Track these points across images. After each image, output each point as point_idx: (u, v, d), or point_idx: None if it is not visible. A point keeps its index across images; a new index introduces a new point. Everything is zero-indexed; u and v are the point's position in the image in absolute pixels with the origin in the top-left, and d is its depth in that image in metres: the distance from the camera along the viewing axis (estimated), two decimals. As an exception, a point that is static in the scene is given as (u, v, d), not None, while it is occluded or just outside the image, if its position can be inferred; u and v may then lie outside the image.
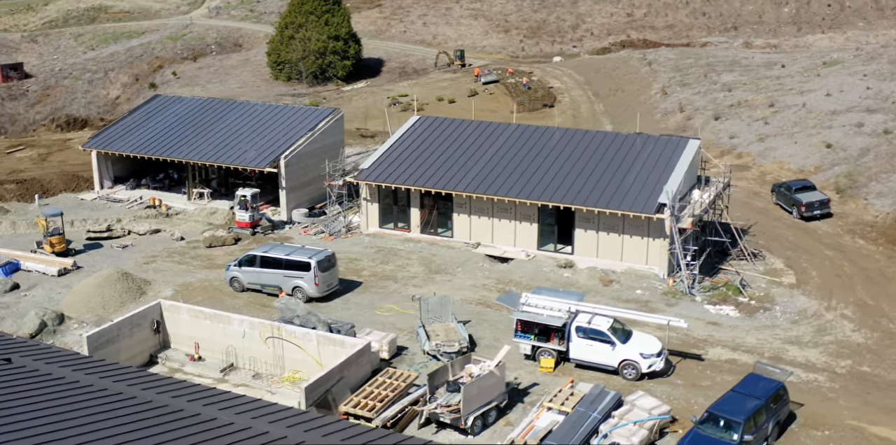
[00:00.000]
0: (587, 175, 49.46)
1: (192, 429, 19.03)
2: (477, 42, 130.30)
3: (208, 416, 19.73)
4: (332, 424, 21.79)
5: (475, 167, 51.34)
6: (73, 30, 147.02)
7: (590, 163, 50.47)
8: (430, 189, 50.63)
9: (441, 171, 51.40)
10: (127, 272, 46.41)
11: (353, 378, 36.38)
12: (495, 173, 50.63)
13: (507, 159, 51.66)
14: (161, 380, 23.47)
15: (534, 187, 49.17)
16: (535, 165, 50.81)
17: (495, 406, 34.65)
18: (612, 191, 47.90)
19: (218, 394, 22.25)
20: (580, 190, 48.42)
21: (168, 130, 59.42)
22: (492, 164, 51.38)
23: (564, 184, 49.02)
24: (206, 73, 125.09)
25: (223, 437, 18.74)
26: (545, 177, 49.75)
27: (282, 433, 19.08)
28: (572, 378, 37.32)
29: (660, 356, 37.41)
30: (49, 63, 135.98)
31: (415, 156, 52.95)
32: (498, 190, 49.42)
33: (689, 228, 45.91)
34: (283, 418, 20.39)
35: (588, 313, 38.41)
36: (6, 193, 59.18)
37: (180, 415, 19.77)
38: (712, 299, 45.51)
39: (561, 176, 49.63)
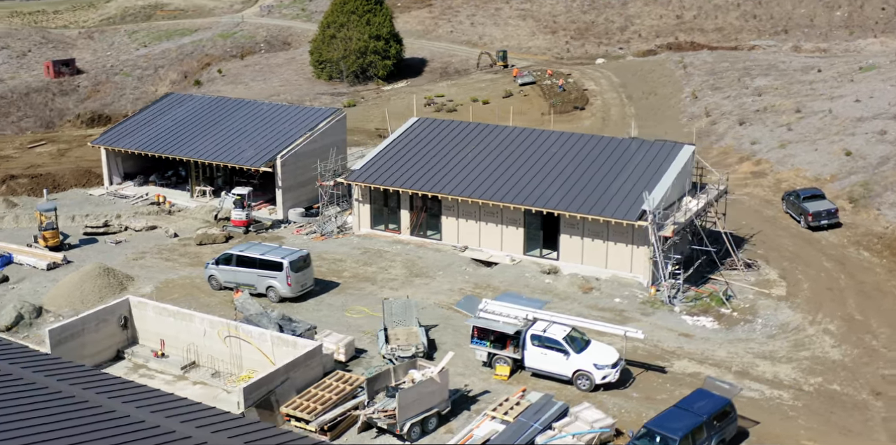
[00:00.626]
0: (574, 180, 48.69)
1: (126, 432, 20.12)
2: (523, 43, 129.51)
3: (137, 418, 20.87)
4: (259, 431, 22.29)
5: (464, 170, 50.92)
6: (129, 27, 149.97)
7: (579, 167, 49.68)
8: (418, 191, 50.35)
9: (430, 174, 51.09)
10: (109, 268, 47.05)
11: (301, 379, 36.29)
12: (483, 177, 50.15)
13: (497, 163, 51.13)
14: (107, 382, 24.29)
15: (519, 191, 48.57)
16: (523, 169, 50.20)
17: (436, 413, 34.26)
18: (596, 197, 47.08)
19: (159, 398, 23.15)
20: (565, 195, 47.69)
21: (174, 128, 60.15)
22: (481, 168, 50.90)
23: (550, 188, 48.33)
24: (251, 71, 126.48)
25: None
26: (532, 181, 49.11)
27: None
28: (524, 387, 36.73)
29: (615, 367, 36.60)
30: (102, 59, 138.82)
31: (407, 158, 52.73)
32: (483, 193, 48.94)
33: (670, 236, 44.88)
34: (213, 423, 21.25)
35: (545, 321, 37.78)
36: (18, 187, 60.51)
37: (124, 421, 20.80)
38: (692, 310, 44.43)
39: (548, 180, 48.94)
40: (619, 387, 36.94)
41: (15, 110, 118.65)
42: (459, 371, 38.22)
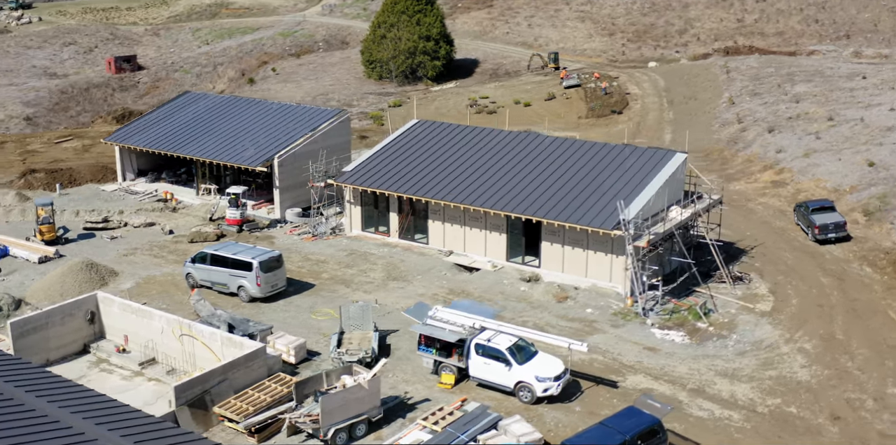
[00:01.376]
0: (558, 187, 47.84)
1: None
2: (578, 45, 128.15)
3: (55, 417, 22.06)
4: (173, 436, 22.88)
5: (452, 174, 50.47)
6: (194, 24, 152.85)
7: (566, 174, 48.80)
8: (403, 194, 50.10)
9: (419, 177, 50.77)
10: (93, 263, 47.89)
11: (243, 380, 36.37)
12: (470, 181, 49.63)
13: (485, 167, 50.55)
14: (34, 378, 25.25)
15: (502, 197, 47.94)
16: (510, 175, 49.53)
17: (365, 420, 33.99)
18: (577, 205, 46.18)
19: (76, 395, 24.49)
20: (546, 202, 46.89)
21: (184, 127, 61.01)
22: (469, 172, 50.38)
23: (533, 195, 47.57)
24: (305, 69, 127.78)
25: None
26: (516, 187, 48.43)
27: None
28: (465, 397, 36.20)
29: (558, 380, 35.79)
30: (165, 56, 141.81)
31: (398, 161, 52.51)
32: (466, 198, 48.42)
33: (644, 247, 43.75)
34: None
35: (492, 330, 37.18)
36: (35, 181, 62.12)
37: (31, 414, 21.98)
38: (666, 323, 43.22)
39: (532, 187, 48.19)
40: (563, 400, 36.15)
41: (74, 105, 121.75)
42: (406, 377, 37.90)
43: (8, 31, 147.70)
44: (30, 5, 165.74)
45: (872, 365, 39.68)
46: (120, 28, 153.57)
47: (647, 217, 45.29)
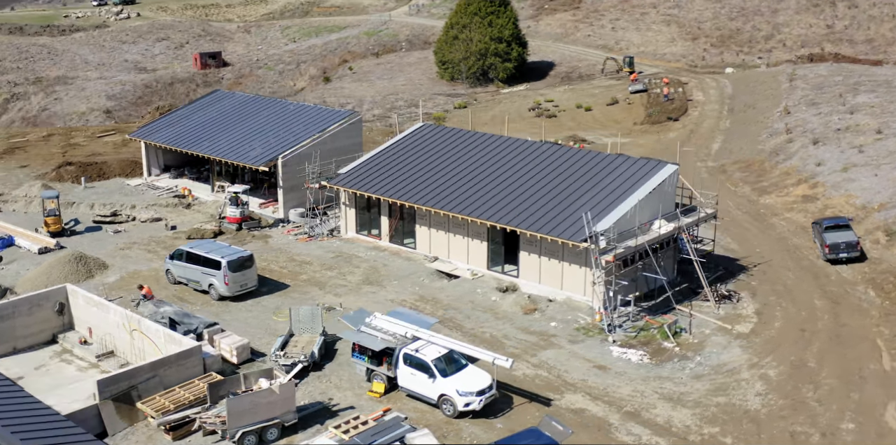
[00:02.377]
0: (540, 196, 46.80)
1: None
2: (659, 49, 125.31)
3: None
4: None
5: (440, 180, 49.96)
6: (284, 22, 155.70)
7: (551, 183, 47.71)
8: (389, 199, 49.89)
9: (408, 182, 50.44)
10: (83, 255, 49.23)
11: (175, 378, 36.76)
12: (456, 188, 49.02)
13: (474, 174, 49.85)
14: None
15: (483, 205, 47.20)
16: (496, 183, 48.72)
17: (278, 424, 33.95)
18: (553, 215, 45.06)
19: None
20: (524, 211, 45.93)
21: (204, 124, 62.14)
22: (458, 179, 49.77)
23: (513, 204, 46.68)
24: (382, 69, 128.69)
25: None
26: (499, 195, 47.61)
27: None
28: (389, 407, 35.80)
29: (481, 395, 35.02)
30: (252, 53, 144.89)
31: (393, 164, 52.30)
32: (448, 205, 47.86)
33: (610, 261, 42.39)
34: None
35: (423, 341, 36.65)
36: (66, 174, 64.23)
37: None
38: (630, 341, 41.81)
39: (514, 195, 47.29)
40: (489, 416, 35.37)
41: (157, 99, 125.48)
42: (339, 384, 37.73)
43: (106, 25, 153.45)
44: (133, 1, 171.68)
45: (835, 396, 37.51)
46: (213, 25, 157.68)
47: (625, 230, 43.85)
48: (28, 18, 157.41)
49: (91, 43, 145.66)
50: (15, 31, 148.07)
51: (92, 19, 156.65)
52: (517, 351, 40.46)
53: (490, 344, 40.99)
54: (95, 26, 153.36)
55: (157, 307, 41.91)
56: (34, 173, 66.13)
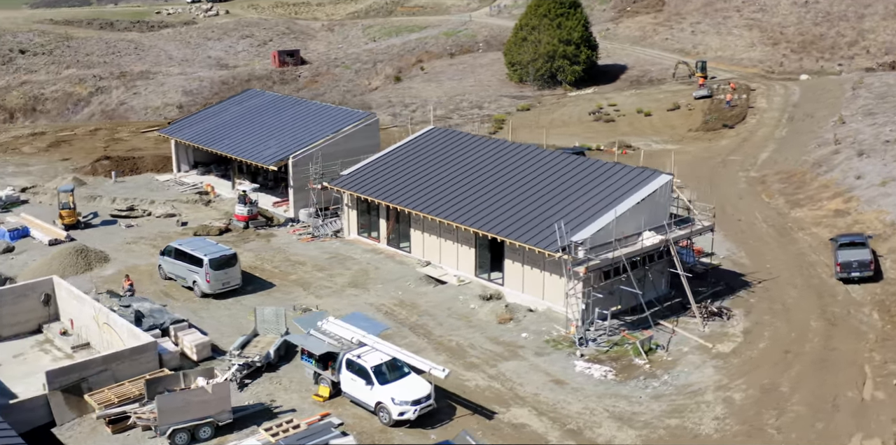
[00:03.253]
0: (528, 203, 45.92)
1: None
2: (737, 54, 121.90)
3: None
4: None
5: (435, 185, 49.52)
6: (367, 21, 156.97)
7: (542, 190, 46.76)
8: (384, 202, 49.74)
9: (405, 185, 50.17)
10: (84, 248, 50.47)
11: (128, 372, 37.27)
12: (447, 193, 48.50)
13: (468, 179, 49.25)
14: None
15: (469, 210, 46.58)
16: (487, 188, 48.02)
17: (212, 423, 34.15)
18: (536, 224, 44.12)
19: None
20: (509, 218, 45.16)
21: (229, 123, 63.06)
22: (452, 184, 49.24)
23: (499, 210, 45.93)
24: (454, 69, 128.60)
25: None
26: (487, 201, 46.92)
27: None
28: (328, 411, 35.67)
29: (417, 404, 34.55)
30: (332, 51, 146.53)
31: (393, 167, 52.09)
32: (436, 210, 47.41)
33: (583, 273, 41.31)
34: None
35: (368, 347, 36.39)
36: (100, 168, 66.05)
37: None
38: (599, 355, 40.70)
39: (503, 202, 46.53)
40: (426, 426, 34.90)
41: (233, 95, 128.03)
42: (287, 386, 37.73)
43: (194, 22, 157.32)
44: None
45: (799, 425, 35.72)
46: (298, 23, 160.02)
47: (608, 241, 42.63)
48: (120, 14, 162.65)
49: (177, 39, 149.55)
50: (106, 27, 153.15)
51: (182, 16, 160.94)
52: (478, 361, 39.83)
53: (453, 353, 40.48)
54: (184, 23, 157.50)
55: (135, 302, 42.68)
56: (73, 166, 68.23)
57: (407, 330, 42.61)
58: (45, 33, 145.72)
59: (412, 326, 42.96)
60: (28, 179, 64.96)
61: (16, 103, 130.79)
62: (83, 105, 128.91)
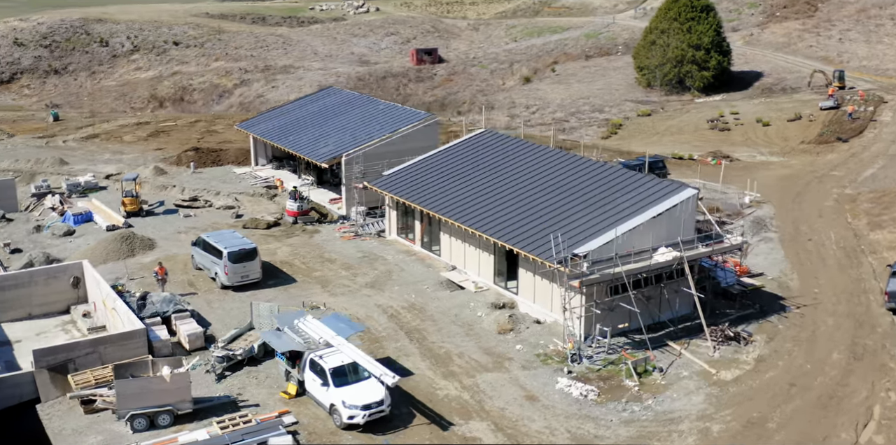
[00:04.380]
0: (547, 212, 44.82)
1: None
2: (883, 64, 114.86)
3: None
4: None
5: (465, 189, 48.99)
6: (511, 21, 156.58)
7: (564, 199, 45.52)
8: (413, 204, 49.69)
9: (438, 189, 49.86)
10: (131, 235, 52.65)
11: (116, 356, 38.68)
12: (475, 198, 47.88)
13: (498, 185, 48.48)
14: None
15: (490, 216, 45.93)
16: (512, 195, 47.16)
17: (171, 411, 35.05)
18: (546, 233, 43.01)
19: None
20: (523, 225, 44.22)
21: (301, 119, 64.33)
22: (480, 189, 48.57)
23: (517, 217, 45.02)
24: (585, 72, 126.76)
25: None
26: (508, 208, 46.10)
27: None
28: (287, 409, 35.99)
29: (367, 410, 34.41)
30: (473, 50, 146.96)
31: (433, 170, 51.86)
32: (459, 215, 46.96)
33: (576, 287, 39.99)
34: None
35: (333, 349, 36.50)
36: (185, 159, 68.76)
37: None
38: (589, 374, 39.36)
39: (523, 209, 45.57)
40: (377, 432, 34.72)
41: (366, 91, 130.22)
42: (261, 381, 38.25)
43: (344, 18, 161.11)
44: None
45: (771, 462, 33.61)
46: (445, 21, 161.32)
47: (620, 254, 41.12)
48: (274, 10, 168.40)
49: (324, 35, 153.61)
50: (258, 21, 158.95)
51: (333, 12, 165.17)
52: (458, 371, 39.26)
53: (437, 361, 40.06)
54: (333, 19, 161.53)
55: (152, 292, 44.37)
56: (162, 156, 71.33)
57: (403, 333, 42.44)
58: (199, 26, 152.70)
59: (410, 330, 42.75)
60: (117, 167, 68.35)
61: (166, 93, 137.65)
62: (227, 96, 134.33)
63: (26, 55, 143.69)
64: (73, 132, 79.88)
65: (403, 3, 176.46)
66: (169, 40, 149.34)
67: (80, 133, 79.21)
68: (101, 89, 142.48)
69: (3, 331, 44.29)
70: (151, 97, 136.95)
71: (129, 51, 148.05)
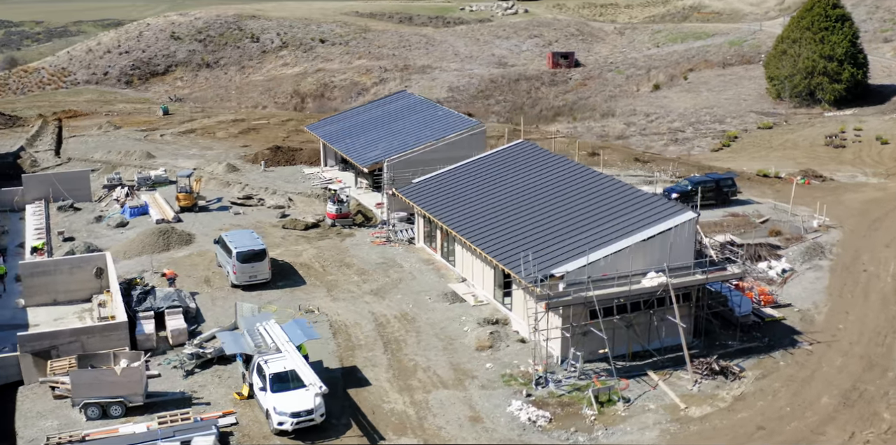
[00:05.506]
0: (544, 229, 43.92)
1: None
2: None
3: None
4: None
5: (479, 202, 48.57)
6: (657, 26, 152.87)
7: (566, 217, 44.45)
8: (427, 213, 49.68)
9: (454, 200, 49.63)
10: (170, 229, 54.86)
11: (97, 346, 40.58)
12: (484, 211, 47.48)
13: (511, 199, 47.82)
14: None
15: (490, 231, 45.41)
16: (518, 210, 46.44)
17: (121, 403, 36.53)
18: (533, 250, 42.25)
19: None
20: (516, 241, 43.52)
21: (364, 122, 65.20)
22: (494, 202, 48.06)
23: (515, 233, 44.32)
24: (718, 80, 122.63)
25: None
26: (511, 223, 45.48)
27: None
28: (232, 410, 36.89)
29: (296, 417, 34.82)
30: (614, 55, 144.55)
31: (457, 180, 51.64)
32: (464, 228, 46.66)
33: (542, 309, 39.02)
34: None
35: (280, 354, 37.10)
36: (261, 157, 71.04)
37: None
38: (549, 399, 38.34)
39: (523, 225, 44.83)
40: (307, 440, 35.11)
41: (497, 94, 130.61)
42: (223, 380, 39.26)
43: (490, 20, 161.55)
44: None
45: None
46: (591, 25, 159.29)
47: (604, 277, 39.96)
48: (424, 9, 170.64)
49: (468, 36, 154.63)
50: (405, 21, 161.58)
51: (481, 13, 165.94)
52: (417, 385, 39.06)
53: (401, 373, 40.01)
54: (479, 20, 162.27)
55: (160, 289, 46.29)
56: (243, 153, 73.86)
57: (381, 343, 42.60)
58: (346, 24, 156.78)
59: (390, 340, 42.86)
60: (198, 162, 71.33)
61: (308, 89, 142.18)
62: (363, 94, 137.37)
63: (181, 49, 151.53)
64: (175, 126, 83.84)
65: (556, 5, 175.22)
66: (316, 38, 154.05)
67: (180, 127, 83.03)
68: (248, 83, 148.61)
69: (27, 315, 47.15)
70: (294, 93, 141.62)
71: (278, 47, 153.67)
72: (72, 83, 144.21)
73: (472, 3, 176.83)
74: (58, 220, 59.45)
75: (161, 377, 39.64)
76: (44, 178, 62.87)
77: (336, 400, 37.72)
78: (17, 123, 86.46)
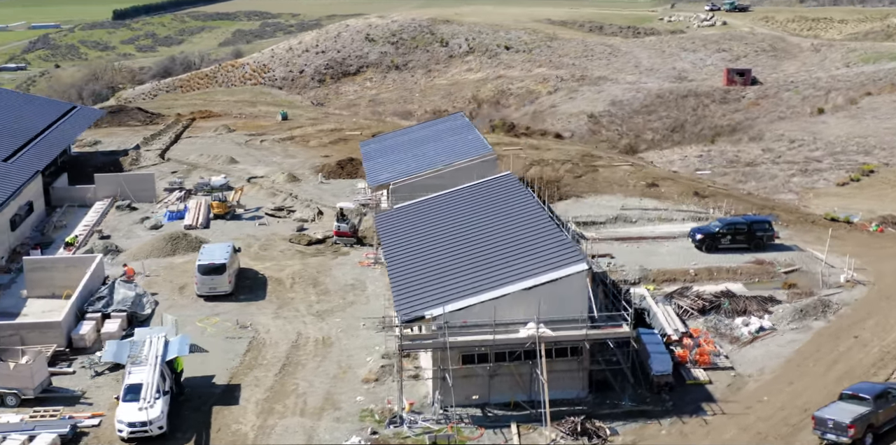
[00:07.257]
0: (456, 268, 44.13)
1: None
2: None
3: None
4: None
5: (428, 235, 48.71)
6: (853, 44, 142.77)
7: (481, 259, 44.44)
8: (378, 241, 50.76)
9: (410, 230, 50.12)
10: (182, 235, 58.89)
11: (35, 340, 45.14)
12: (425, 246, 47.64)
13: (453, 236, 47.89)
14: None
15: (413, 267, 45.98)
16: (452, 248, 46.60)
17: (15, 394, 40.56)
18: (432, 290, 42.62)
19: None
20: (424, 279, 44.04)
21: (406, 142, 66.49)
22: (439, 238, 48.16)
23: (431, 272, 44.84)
24: (892, 108, 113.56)
25: None
26: (432, 260, 45.86)
27: None
28: (102, 412, 39.98)
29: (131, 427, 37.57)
30: (800, 73, 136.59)
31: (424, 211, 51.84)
32: (394, 260, 47.40)
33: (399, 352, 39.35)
34: None
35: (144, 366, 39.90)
36: (327, 168, 74.10)
37: None
38: (391, 438, 38.73)
39: (442, 263, 45.26)
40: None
41: (662, 110, 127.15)
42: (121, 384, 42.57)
43: (682, 31, 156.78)
44: (745, 8, 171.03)
45: None
46: (788, 40, 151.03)
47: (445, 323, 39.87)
48: (617, 18, 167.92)
49: (654, 47, 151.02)
50: (594, 30, 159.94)
51: (676, 24, 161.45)
52: (280, 410, 40.47)
53: (274, 396, 41.57)
54: (672, 31, 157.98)
55: (124, 288, 50.44)
56: (319, 163, 77.06)
57: (279, 365, 44.37)
58: (534, 32, 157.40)
59: (291, 363, 44.54)
60: (270, 170, 75.46)
61: (486, 95, 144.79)
62: (534, 103, 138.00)
63: (374, 50, 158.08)
64: (281, 132, 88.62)
65: (763, 18, 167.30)
66: (502, 44, 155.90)
67: (283, 134, 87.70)
68: (432, 87, 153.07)
69: (24, 305, 52.60)
70: (472, 98, 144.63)
71: (465, 52, 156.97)
72: (270, 79, 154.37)
73: (673, 12, 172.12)
74: (109, 219, 65.12)
75: (75, 374, 43.53)
76: (113, 178, 68.87)
77: (198, 415, 40.03)
78: (153, 121, 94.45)
